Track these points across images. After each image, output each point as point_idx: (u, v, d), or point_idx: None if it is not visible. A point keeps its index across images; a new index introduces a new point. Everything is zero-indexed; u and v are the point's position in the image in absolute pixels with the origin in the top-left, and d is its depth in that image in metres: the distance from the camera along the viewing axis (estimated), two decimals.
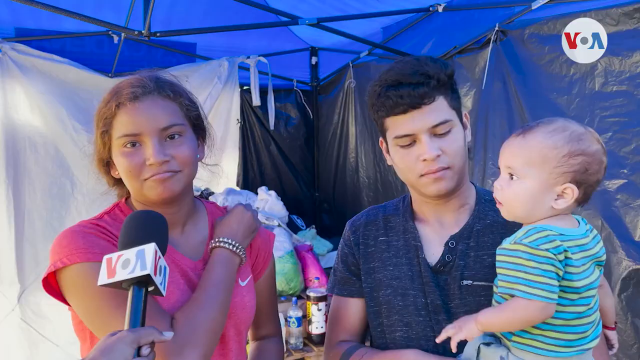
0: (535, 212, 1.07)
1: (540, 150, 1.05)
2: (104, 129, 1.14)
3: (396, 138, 1.17)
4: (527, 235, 1.02)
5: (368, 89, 1.23)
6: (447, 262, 1.21)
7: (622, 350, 1.97)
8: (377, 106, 1.18)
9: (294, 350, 2.73)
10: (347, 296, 1.35)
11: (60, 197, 3.36)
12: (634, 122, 1.95)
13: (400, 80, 1.13)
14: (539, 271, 0.97)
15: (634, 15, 1.95)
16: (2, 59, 3.15)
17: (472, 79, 2.87)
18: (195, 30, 3.11)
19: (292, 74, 4.44)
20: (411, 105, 1.13)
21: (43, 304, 3.27)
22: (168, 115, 1.14)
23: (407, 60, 1.18)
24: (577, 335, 1.03)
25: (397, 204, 1.38)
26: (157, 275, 0.88)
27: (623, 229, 1.98)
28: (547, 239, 1.00)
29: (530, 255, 0.99)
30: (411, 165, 1.17)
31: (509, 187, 1.08)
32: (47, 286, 1.08)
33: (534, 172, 1.05)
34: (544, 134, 1.06)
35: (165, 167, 1.11)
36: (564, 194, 1.05)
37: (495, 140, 2.69)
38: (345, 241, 1.38)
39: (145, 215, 1.01)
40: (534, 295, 0.97)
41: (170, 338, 0.87)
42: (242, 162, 4.38)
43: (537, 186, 1.05)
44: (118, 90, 1.14)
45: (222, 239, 1.20)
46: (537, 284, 0.97)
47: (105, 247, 1.07)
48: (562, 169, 1.04)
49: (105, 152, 1.17)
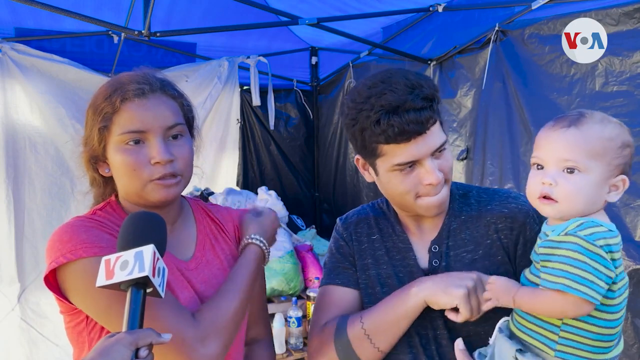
0: (592, 207, 1.02)
1: (601, 141, 1.00)
2: (103, 124, 1.10)
3: (397, 165, 1.11)
4: (582, 228, 0.97)
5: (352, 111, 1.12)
6: (435, 267, 1.22)
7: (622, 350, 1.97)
8: (375, 133, 1.08)
9: (294, 350, 2.73)
10: (341, 285, 1.29)
11: (60, 197, 3.37)
12: (634, 122, 1.95)
13: (401, 106, 1.05)
14: (588, 267, 0.93)
15: (634, 15, 1.95)
16: (2, 59, 3.15)
17: (472, 79, 2.87)
18: (195, 30, 3.11)
19: (292, 74, 4.44)
20: (417, 133, 1.07)
21: (43, 304, 3.27)
22: (173, 114, 1.13)
23: (394, 81, 1.09)
24: (608, 344, 1.02)
25: (380, 207, 1.37)
26: (155, 277, 0.88)
27: (623, 229, 1.98)
28: (601, 235, 0.96)
29: (582, 249, 0.94)
30: (410, 188, 1.13)
31: (568, 182, 1.01)
32: (48, 284, 1.06)
33: (596, 164, 1.00)
34: (599, 125, 1.01)
35: (169, 167, 1.10)
36: (616, 186, 1.03)
37: (495, 140, 2.69)
38: (340, 235, 1.36)
39: (144, 217, 1.00)
40: (576, 291, 0.92)
41: (168, 340, 0.86)
42: (242, 162, 4.38)
43: (599, 179, 1.00)
44: (121, 85, 1.11)
45: (256, 236, 1.25)
46: (583, 279, 0.93)
47: (110, 241, 1.06)
48: (618, 160, 1.01)
49: (99, 149, 1.13)
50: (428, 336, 1.20)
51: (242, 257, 1.23)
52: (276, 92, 4.21)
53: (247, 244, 1.25)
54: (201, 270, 1.21)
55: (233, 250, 1.30)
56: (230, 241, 1.31)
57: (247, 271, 1.19)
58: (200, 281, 1.19)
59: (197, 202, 1.36)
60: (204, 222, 1.30)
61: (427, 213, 1.18)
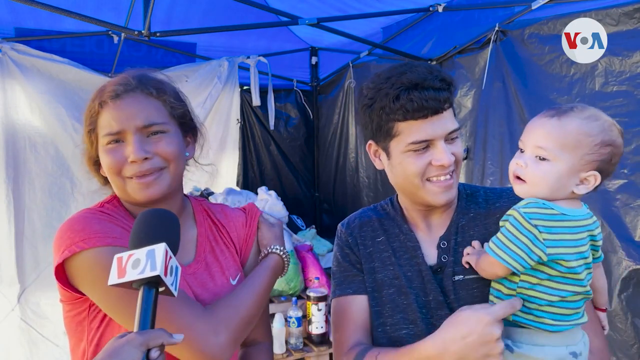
0: (556, 194, 1.09)
1: (576, 135, 1.05)
2: (90, 127, 1.15)
3: (412, 144, 1.13)
4: (526, 206, 1.06)
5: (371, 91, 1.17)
6: (444, 263, 1.23)
7: (622, 350, 1.97)
8: (393, 109, 1.12)
9: (294, 350, 2.73)
10: (353, 294, 1.29)
11: (60, 197, 3.36)
12: (634, 122, 1.95)
13: (421, 83, 1.10)
14: (513, 238, 1.04)
15: (634, 15, 1.96)
16: (2, 59, 3.15)
17: (472, 79, 2.87)
18: (195, 30, 3.11)
19: (292, 74, 4.44)
20: (434, 110, 1.11)
21: (43, 304, 3.28)
22: (149, 113, 1.13)
23: (415, 65, 1.15)
24: (572, 311, 1.08)
25: (384, 208, 1.37)
26: (167, 276, 0.87)
27: (623, 229, 1.98)
28: (540, 216, 1.04)
29: (516, 223, 1.04)
30: (421, 170, 1.15)
31: (537, 167, 1.09)
32: (56, 273, 1.06)
33: (565, 155, 1.06)
34: (581, 120, 1.07)
35: (147, 165, 1.11)
36: (587, 181, 1.08)
37: (495, 140, 2.69)
38: (343, 242, 1.36)
39: (156, 214, 0.99)
40: (493, 254, 1.06)
41: (179, 341, 0.85)
42: (242, 162, 4.38)
43: (566, 170, 1.06)
44: (102, 89, 1.15)
45: (277, 247, 1.33)
46: (503, 246, 1.05)
47: (122, 234, 1.07)
48: (592, 156, 1.06)
49: (93, 151, 1.17)
50: None
51: (263, 263, 1.28)
52: (276, 92, 4.21)
53: (268, 253, 1.30)
54: (200, 275, 1.21)
55: (233, 254, 1.30)
56: (230, 245, 1.31)
57: (265, 276, 1.24)
58: (199, 285, 1.19)
59: (201, 202, 1.36)
60: (205, 225, 1.30)
61: (435, 199, 1.18)
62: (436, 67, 1.15)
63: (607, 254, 1.98)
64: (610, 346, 1.99)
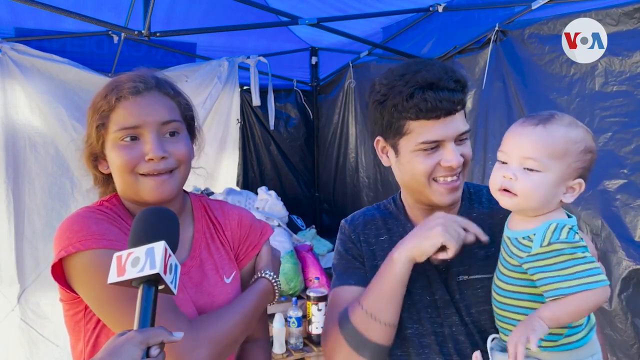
0: (548, 205, 1.06)
1: (564, 143, 1.03)
2: (100, 122, 1.14)
3: (423, 143, 1.13)
4: (558, 233, 1.02)
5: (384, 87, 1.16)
6: (449, 262, 1.21)
7: (622, 350, 1.97)
8: (405, 108, 1.11)
9: (294, 350, 2.73)
10: (355, 284, 1.27)
11: (60, 197, 3.36)
12: (634, 122, 1.95)
13: (436, 83, 1.09)
14: (589, 259, 0.99)
15: (634, 15, 1.95)
16: (2, 59, 3.15)
17: (472, 79, 2.87)
18: (195, 30, 3.11)
19: (292, 74, 4.44)
20: (447, 112, 1.11)
21: (43, 304, 3.27)
22: (168, 111, 1.15)
23: (430, 63, 1.14)
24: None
25: (387, 207, 1.37)
26: (167, 274, 0.87)
27: (623, 229, 1.98)
28: (573, 231, 1.03)
29: (573, 249, 0.99)
30: (429, 169, 1.15)
31: (527, 178, 1.05)
32: (54, 272, 1.06)
33: (555, 164, 1.03)
34: (566, 127, 1.05)
35: (162, 164, 1.12)
36: (572, 189, 1.07)
37: (495, 141, 2.69)
38: (346, 237, 1.35)
39: (156, 212, 0.99)
40: (598, 283, 0.97)
41: (180, 338, 0.85)
42: (242, 162, 4.38)
43: (555, 179, 1.04)
44: (118, 85, 1.14)
45: (268, 272, 1.29)
46: (594, 269, 0.98)
47: (118, 235, 1.07)
48: (577, 164, 1.05)
49: (98, 146, 1.16)
50: (444, 334, 1.20)
51: (253, 286, 1.26)
52: (276, 92, 4.21)
53: (260, 277, 1.28)
54: (194, 273, 1.21)
55: (228, 251, 1.30)
56: (225, 243, 1.31)
57: (253, 298, 1.22)
58: (192, 284, 1.19)
59: (200, 198, 1.36)
60: (202, 222, 1.30)
61: (440, 199, 1.18)
62: (451, 67, 1.14)
63: (607, 254, 1.98)
64: (610, 346, 1.99)
